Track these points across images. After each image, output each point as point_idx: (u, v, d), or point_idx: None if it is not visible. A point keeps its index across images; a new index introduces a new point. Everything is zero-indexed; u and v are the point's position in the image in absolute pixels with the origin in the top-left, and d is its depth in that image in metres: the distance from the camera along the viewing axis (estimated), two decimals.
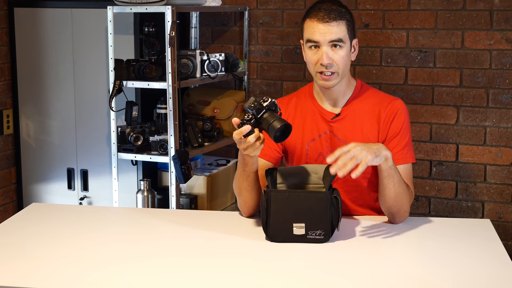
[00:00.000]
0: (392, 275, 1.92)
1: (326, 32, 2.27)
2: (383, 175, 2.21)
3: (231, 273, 1.93)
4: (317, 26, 2.28)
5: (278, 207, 2.10)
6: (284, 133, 2.08)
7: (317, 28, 2.28)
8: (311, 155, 2.41)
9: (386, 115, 2.37)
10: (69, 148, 3.79)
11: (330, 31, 2.27)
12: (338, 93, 2.40)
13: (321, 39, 2.28)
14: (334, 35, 2.27)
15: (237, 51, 3.95)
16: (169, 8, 3.19)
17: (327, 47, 2.28)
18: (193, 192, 3.65)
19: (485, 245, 2.14)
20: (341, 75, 2.33)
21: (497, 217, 3.60)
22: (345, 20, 2.30)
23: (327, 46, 2.28)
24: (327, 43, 2.28)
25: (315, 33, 2.28)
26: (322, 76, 2.32)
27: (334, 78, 2.32)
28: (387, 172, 2.20)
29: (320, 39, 2.28)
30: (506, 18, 3.47)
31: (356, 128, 2.37)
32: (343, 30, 2.29)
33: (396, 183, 2.22)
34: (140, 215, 2.52)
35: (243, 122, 2.10)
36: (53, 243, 2.15)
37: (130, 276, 1.91)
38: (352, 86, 2.43)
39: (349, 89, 2.42)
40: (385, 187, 2.23)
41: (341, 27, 2.28)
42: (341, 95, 2.41)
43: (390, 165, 2.19)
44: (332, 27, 2.27)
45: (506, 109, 3.53)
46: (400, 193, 2.23)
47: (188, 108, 3.78)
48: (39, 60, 3.78)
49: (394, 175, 2.21)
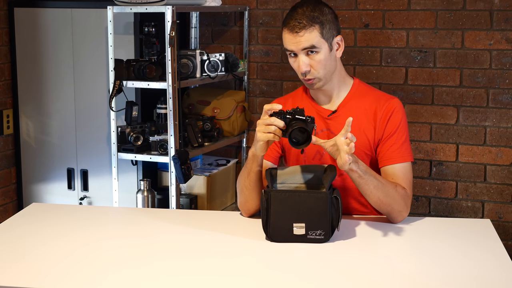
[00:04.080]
0: (392, 275, 1.92)
1: (297, 41, 2.28)
2: (356, 184, 2.24)
3: (231, 273, 1.93)
4: (289, 36, 2.30)
5: (278, 207, 2.10)
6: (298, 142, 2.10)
7: (290, 38, 2.30)
8: (309, 153, 2.41)
9: (383, 114, 2.37)
10: (69, 148, 3.79)
11: (301, 40, 2.28)
12: (331, 91, 2.41)
13: (295, 48, 2.30)
14: (305, 43, 2.28)
15: (237, 51, 3.95)
16: (169, 8, 3.19)
17: (302, 55, 2.30)
18: (193, 192, 3.65)
19: (485, 245, 2.14)
20: (324, 77, 2.34)
21: (497, 217, 3.60)
22: (317, 24, 2.28)
23: (302, 54, 2.30)
24: (301, 51, 2.30)
25: (288, 43, 2.31)
26: (306, 82, 2.35)
27: (317, 81, 2.34)
28: (358, 181, 2.21)
29: (294, 49, 2.30)
30: (506, 18, 3.47)
31: (353, 126, 2.37)
32: (315, 36, 2.28)
33: (373, 190, 2.22)
34: (140, 215, 2.52)
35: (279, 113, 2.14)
36: (53, 243, 2.15)
37: (130, 276, 1.91)
38: (348, 84, 2.44)
39: (344, 86, 2.43)
40: (364, 194, 2.26)
41: (313, 33, 2.28)
42: (335, 93, 2.42)
43: (359, 174, 2.19)
44: (302, 36, 2.28)
45: (506, 109, 3.53)
46: (383, 197, 2.24)
47: (188, 108, 3.78)
48: (39, 60, 3.78)
49: (368, 183, 2.21)
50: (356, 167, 2.16)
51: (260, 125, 2.16)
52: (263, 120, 2.16)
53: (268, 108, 2.16)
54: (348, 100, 2.41)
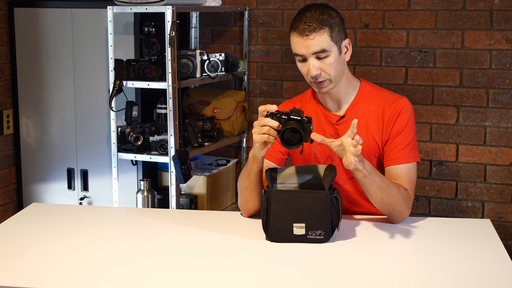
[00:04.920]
0: (392, 275, 1.92)
1: (307, 45, 2.27)
2: (360, 183, 2.24)
3: (231, 273, 1.93)
4: (299, 40, 2.28)
5: (278, 207, 2.10)
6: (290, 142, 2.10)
7: (299, 42, 2.28)
8: (320, 159, 2.41)
9: (390, 114, 2.37)
10: (69, 148, 3.79)
11: (311, 44, 2.27)
12: (339, 94, 2.40)
13: (305, 52, 2.29)
14: (316, 46, 2.27)
15: (237, 51, 3.95)
16: (169, 8, 3.19)
17: (313, 59, 2.29)
18: (193, 192, 3.65)
19: (485, 245, 2.14)
20: (334, 80, 2.33)
21: (497, 217, 3.60)
22: (326, 27, 2.28)
23: (312, 57, 2.29)
24: (311, 55, 2.28)
25: (298, 48, 2.29)
26: (316, 84, 2.33)
27: (327, 84, 2.33)
28: (362, 181, 2.21)
29: (304, 53, 2.29)
30: (506, 18, 3.47)
31: (361, 129, 2.37)
32: (325, 39, 2.27)
33: (376, 190, 2.22)
34: (140, 215, 2.52)
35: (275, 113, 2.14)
36: (53, 243, 2.15)
37: (130, 275, 1.91)
38: (355, 86, 2.43)
39: (351, 89, 2.42)
40: (367, 193, 2.25)
41: (323, 36, 2.27)
42: (343, 96, 2.41)
43: (364, 174, 2.19)
44: (313, 40, 2.26)
45: (506, 109, 3.53)
46: (386, 197, 2.23)
47: (188, 108, 3.78)
48: (39, 60, 3.78)
49: (372, 183, 2.21)
50: (361, 166, 2.16)
51: (256, 126, 2.16)
52: (258, 121, 2.16)
53: (262, 109, 2.16)
54: (356, 103, 2.41)
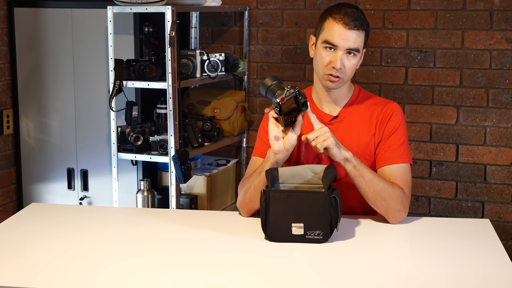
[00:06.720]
0: (392, 275, 1.92)
1: (347, 38, 2.28)
2: (351, 176, 2.25)
3: (230, 273, 1.93)
4: (340, 29, 2.28)
5: (277, 207, 2.10)
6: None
7: (340, 32, 2.28)
8: (308, 158, 2.42)
9: (382, 117, 2.38)
10: (69, 148, 3.79)
11: (351, 39, 2.28)
12: (339, 95, 2.41)
13: (341, 44, 2.28)
14: (353, 43, 2.29)
15: (237, 51, 3.95)
16: (169, 8, 3.19)
17: (342, 53, 2.29)
18: (193, 192, 3.66)
19: (485, 245, 2.14)
20: (346, 81, 2.36)
21: (497, 217, 3.60)
22: (365, 31, 2.32)
23: (343, 51, 2.29)
24: (344, 49, 2.29)
25: (335, 37, 2.28)
26: (329, 77, 2.32)
27: (340, 82, 2.34)
28: (353, 172, 2.23)
29: (340, 44, 2.28)
30: (506, 18, 3.47)
31: (352, 131, 2.38)
32: (361, 40, 2.31)
33: (368, 182, 2.23)
34: (140, 215, 2.52)
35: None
36: (53, 243, 2.15)
37: (130, 276, 1.91)
38: (351, 90, 2.46)
39: (348, 93, 2.44)
40: (359, 187, 2.26)
41: (361, 36, 2.30)
42: (341, 98, 2.42)
43: (354, 165, 2.22)
44: (353, 36, 2.28)
45: (506, 109, 3.53)
46: (378, 191, 2.24)
47: (188, 108, 3.78)
48: (39, 60, 3.78)
49: (363, 174, 2.23)
50: (350, 155, 2.21)
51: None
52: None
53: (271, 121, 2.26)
54: (349, 106, 2.42)
